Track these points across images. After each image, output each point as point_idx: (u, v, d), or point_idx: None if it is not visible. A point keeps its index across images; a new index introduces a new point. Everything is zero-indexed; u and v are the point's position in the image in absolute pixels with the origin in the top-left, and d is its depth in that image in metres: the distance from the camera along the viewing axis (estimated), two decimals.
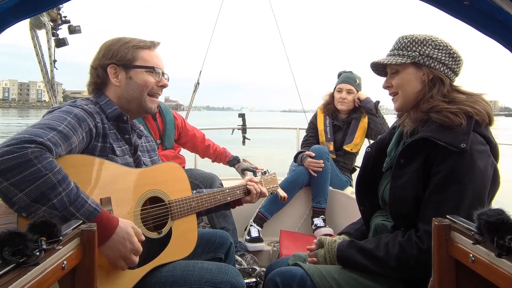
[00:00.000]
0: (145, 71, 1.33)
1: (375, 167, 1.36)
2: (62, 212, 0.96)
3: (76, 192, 1.00)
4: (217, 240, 1.60)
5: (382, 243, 1.19)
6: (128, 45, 1.32)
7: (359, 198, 1.42)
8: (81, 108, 1.19)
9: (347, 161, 2.93)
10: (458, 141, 1.09)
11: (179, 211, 1.38)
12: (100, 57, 1.33)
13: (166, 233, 1.33)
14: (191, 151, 2.90)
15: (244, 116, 3.70)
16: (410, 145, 1.18)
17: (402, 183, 1.18)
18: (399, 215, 1.20)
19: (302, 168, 2.71)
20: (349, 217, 2.33)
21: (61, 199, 0.96)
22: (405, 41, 1.25)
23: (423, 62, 1.22)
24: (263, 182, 1.84)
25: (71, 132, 1.09)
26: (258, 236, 2.59)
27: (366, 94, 2.88)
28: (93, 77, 1.34)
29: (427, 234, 1.09)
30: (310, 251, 1.37)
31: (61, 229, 0.82)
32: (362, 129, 2.87)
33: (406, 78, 1.25)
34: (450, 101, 1.19)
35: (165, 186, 1.35)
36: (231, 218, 2.48)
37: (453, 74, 1.24)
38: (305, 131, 3.12)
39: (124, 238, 1.07)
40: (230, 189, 1.63)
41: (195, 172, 2.61)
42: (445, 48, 1.22)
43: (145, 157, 1.44)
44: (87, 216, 1.00)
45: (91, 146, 1.19)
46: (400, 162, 1.20)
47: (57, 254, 0.77)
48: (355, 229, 1.45)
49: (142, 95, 1.33)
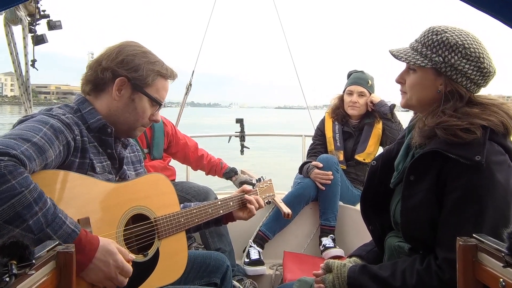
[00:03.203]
0: (150, 101, 1.35)
1: (382, 183, 1.36)
2: (38, 234, 0.96)
3: (54, 211, 1.00)
4: (212, 263, 1.59)
5: (399, 270, 1.18)
6: (152, 67, 1.34)
7: (366, 217, 1.42)
8: (58, 119, 1.18)
9: (359, 172, 2.93)
10: (472, 153, 1.09)
11: (167, 229, 1.37)
12: (118, 61, 1.31)
13: (153, 255, 1.32)
14: (182, 162, 2.90)
15: (242, 122, 3.71)
16: (419, 159, 1.18)
17: (413, 204, 1.17)
18: (414, 239, 1.20)
19: (309, 181, 2.70)
20: (361, 236, 2.32)
21: (37, 220, 0.95)
22: (433, 38, 1.21)
23: (445, 71, 1.19)
24: (258, 191, 1.82)
25: (47, 145, 1.08)
26: (259, 259, 2.58)
27: (380, 97, 2.89)
28: (96, 75, 1.31)
29: (447, 263, 1.08)
30: (316, 277, 1.36)
31: (34, 251, 0.82)
32: (376, 136, 2.87)
33: (421, 82, 1.24)
34: (460, 116, 1.16)
35: (150, 201, 1.35)
36: (228, 238, 2.47)
37: (476, 87, 1.21)
38: (311, 138, 3.13)
39: (105, 256, 1.07)
40: (222, 201, 1.63)
41: (187, 186, 2.61)
42: (476, 60, 1.17)
43: (130, 170, 1.44)
44: (65, 239, 0.99)
45: (68, 162, 1.19)
46: (410, 179, 1.19)
47: (29, 279, 0.76)
48: (367, 251, 1.45)
49: (136, 124, 1.36)
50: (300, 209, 2.71)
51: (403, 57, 1.25)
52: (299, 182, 2.76)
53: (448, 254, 1.07)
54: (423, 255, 1.18)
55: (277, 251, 2.68)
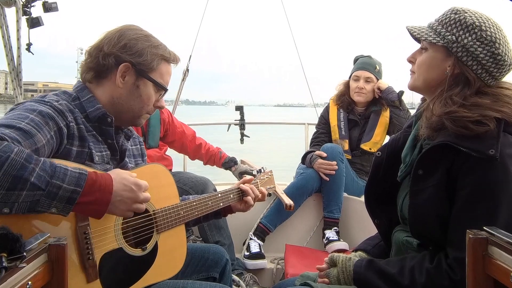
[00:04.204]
0: (155, 86, 1.34)
1: (387, 174, 1.36)
2: (47, 188, 0.96)
3: (51, 163, 1.00)
4: (211, 257, 1.60)
5: (407, 268, 1.17)
6: (156, 51, 1.33)
7: (370, 210, 1.42)
8: (50, 105, 1.17)
9: (365, 162, 2.93)
10: (486, 147, 1.07)
11: (166, 222, 1.38)
12: (121, 46, 1.29)
13: (151, 249, 1.33)
14: (179, 152, 2.90)
15: (242, 109, 3.70)
16: (428, 152, 1.16)
17: (422, 200, 1.16)
18: (423, 236, 1.20)
19: (312, 171, 2.71)
20: (367, 229, 2.33)
21: (38, 175, 0.96)
22: (451, 16, 1.20)
23: (456, 51, 1.17)
24: (258, 183, 1.83)
25: (34, 130, 1.07)
26: (259, 252, 2.59)
27: (387, 83, 2.88)
28: (98, 62, 1.29)
29: (458, 262, 1.07)
30: (320, 271, 1.37)
31: (25, 244, 0.82)
32: (383, 124, 2.87)
33: (429, 61, 1.22)
34: (471, 105, 1.14)
35: (149, 192, 1.35)
36: (227, 231, 2.48)
37: (490, 78, 1.18)
38: (314, 127, 3.12)
39: (124, 184, 1.12)
40: (222, 193, 1.63)
41: (184, 176, 2.61)
42: (491, 45, 1.14)
43: (131, 164, 1.44)
44: (76, 183, 1.01)
45: (64, 150, 1.18)
46: (418, 174, 1.18)
47: (20, 273, 0.77)
48: (372, 245, 1.45)
49: (141, 111, 1.36)
50: (302, 201, 2.72)
51: (416, 32, 1.24)
52: (302, 172, 2.77)
53: (459, 253, 1.06)
54: (433, 252, 1.18)
55: (279, 244, 2.69)
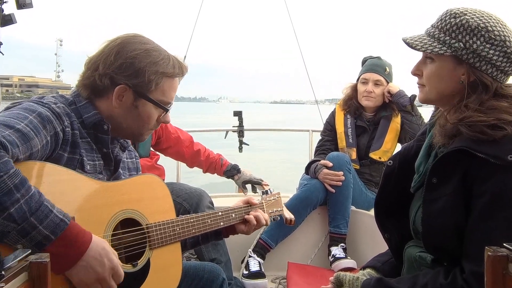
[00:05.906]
0: (156, 106, 1.36)
1: (399, 185, 1.36)
2: (22, 224, 0.97)
3: (38, 198, 1.01)
4: (206, 276, 1.60)
5: (419, 285, 1.18)
6: (156, 68, 1.31)
7: (380, 224, 1.42)
8: (48, 107, 1.19)
9: (374, 172, 2.93)
10: (504, 152, 1.08)
11: (160, 238, 1.38)
12: (116, 66, 1.29)
13: (143, 266, 1.32)
14: (176, 159, 2.89)
15: (240, 115, 3.71)
16: (443, 159, 1.17)
17: (437, 210, 1.17)
18: (437, 250, 1.20)
19: (316, 182, 2.71)
20: (376, 245, 2.33)
21: (20, 208, 0.96)
22: (451, 21, 1.21)
23: (467, 58, 1.19)
24: (264, 205, 1.83)
25: (32, 133, 1.09)
26: (259, 271, 2.59)
27: (398, 87, 2.89)
28: (94, 81, 1.30)
29: (475, 277, 1.08)
30: None
31: (3, 261, 0.82)
32: (393, 131, 2.88)
33: (439, 72, 1.23)
34: (486, 109, 1.15)
35: (142, 205, 1.35)
36: (224, 247, 2.48)
37: (504, 76, 1.20)
38: (319, 134, 3.13)
39: (100, 255, 1.09)
40: (223, 212, 1.63)
41: (178, 187, 2.61)
42: (502, 44, 1.17)
43: (125, 176, 1.45)
44: (53, 229, 1.01)
45: (56, 155, 1.20)
46: (432, 181, 1.19)
47: None
48: (382, 262, 1.45)
49: (141, 129, 1.38)
50: (306, 215, 2.72)
51: (419, 45, 1.24)
52: (306, 183, 2.77)
53: (475, 267, 1.07)
54: (448, 267, 1.18)
55: (280, 262, 2.68)
